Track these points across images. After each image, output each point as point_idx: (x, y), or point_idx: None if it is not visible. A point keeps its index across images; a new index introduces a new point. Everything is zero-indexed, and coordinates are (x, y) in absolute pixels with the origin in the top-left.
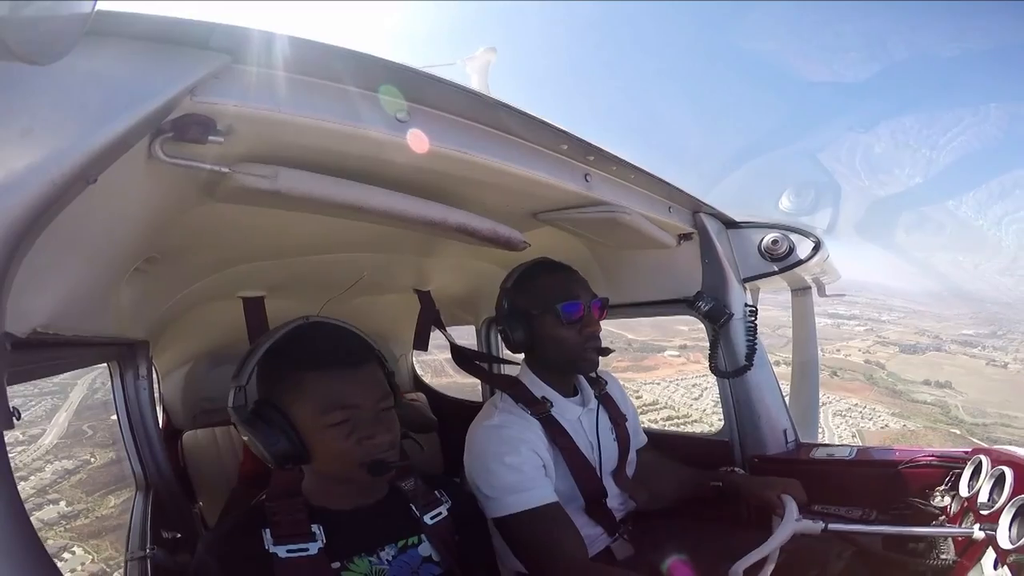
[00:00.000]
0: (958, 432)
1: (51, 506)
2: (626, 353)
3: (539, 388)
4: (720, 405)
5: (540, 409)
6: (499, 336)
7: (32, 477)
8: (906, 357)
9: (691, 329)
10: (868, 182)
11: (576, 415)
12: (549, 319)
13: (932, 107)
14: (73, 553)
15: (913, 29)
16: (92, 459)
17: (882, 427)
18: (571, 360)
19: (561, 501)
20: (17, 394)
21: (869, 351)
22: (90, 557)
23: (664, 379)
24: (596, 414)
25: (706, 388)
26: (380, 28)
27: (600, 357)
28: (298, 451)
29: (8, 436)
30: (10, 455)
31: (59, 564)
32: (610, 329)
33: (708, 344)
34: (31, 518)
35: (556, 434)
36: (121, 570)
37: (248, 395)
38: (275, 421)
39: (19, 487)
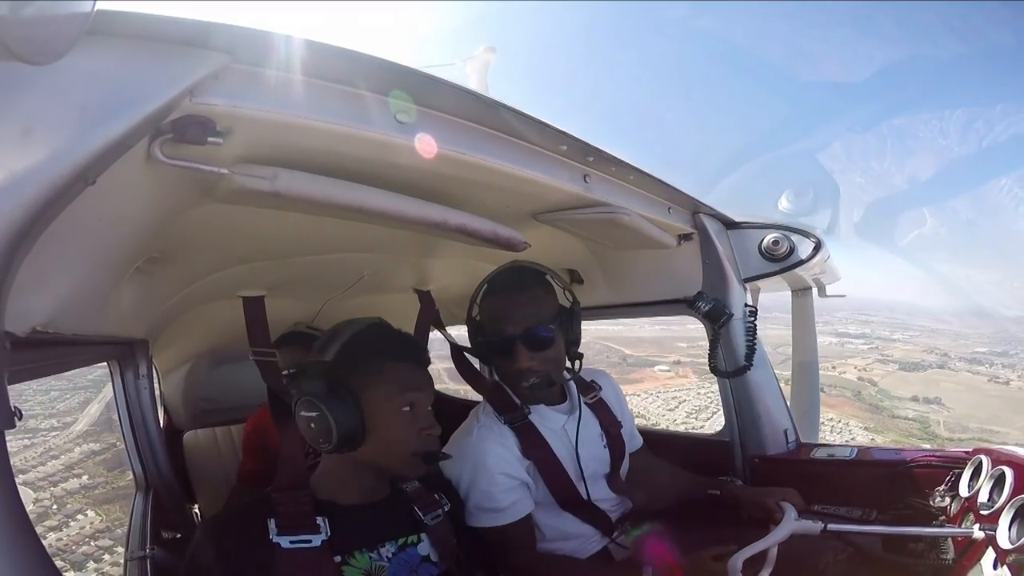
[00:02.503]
0: (928, 447)
1: (75, 479)
2: (618, 368)
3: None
4: (692, 416)
5: (517, 416)
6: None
7: (63, 456)
8: (904, 374)
9: (690, 346)
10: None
11: (560, 423)
12: (488, 347)
13: (931, 107)
14: (85, 515)
15: (913, 28)
16: (118, 443)
17: (847, 440)
18: (518, 389)
19: (542, 504)
20: (54, 387)
21: (865, 369)
22: (100, 518)
23: (646, 391)
24: (577, 422)
25: (684, 400)
26: (380, 29)
27: (544, 389)
28: (357, 433)
29: (44, 423)
30: (46, 438)
31: (72, 523)
32: (609, 344)
33: (704, 359)
34: (56, 488)
35: (531, 445)
36: (121, 568)
37: (324, 373)
38: (346, 401)
39: (49, 464)
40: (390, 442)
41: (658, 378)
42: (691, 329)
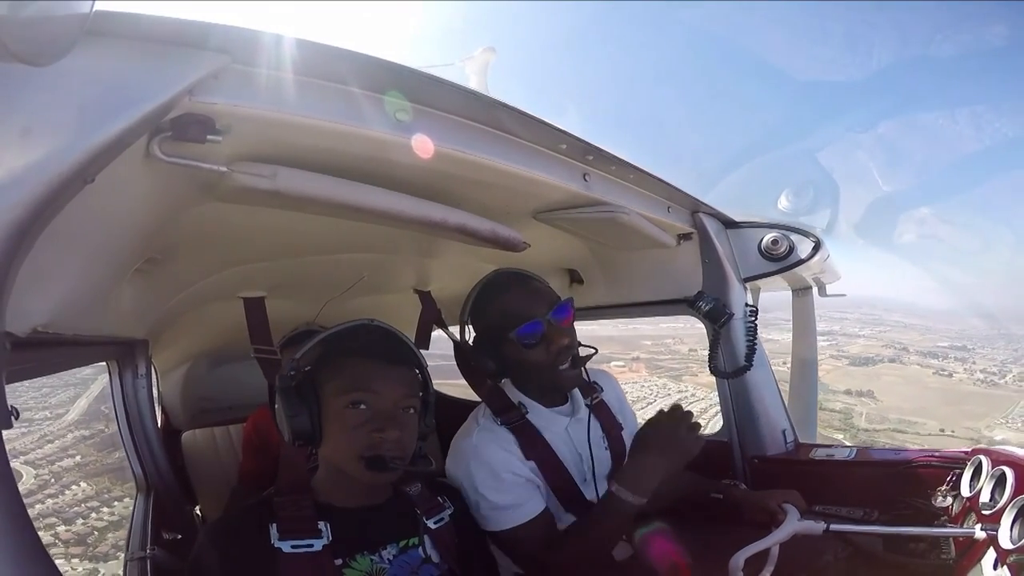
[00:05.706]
0: (841, 437)
1: (69, 459)
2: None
3: (517, 396)
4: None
5: (514, 417)
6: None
7: (57, 440)
8: (851, 369)
9: (653, 343)
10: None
11: (563, 426)
12: (512, 345)
13: (931, 107)
14: (79, 486)
15: (912, 28)
16: (106, 429)
17: None
18: (549, 381)
19: (548, 505)
20: (45, 384)
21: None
22: (92, 489)
23: None
24: (587, 424)
25: (626, 393)
26: (381, 29)
27: (580, 367)
28: (314, 430)
29: (38, 414)
30: (40, 426)
31: (68, 493)
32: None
33: (661, 356)
34: (54, 466)
35: (529, 444)
36: (121, 568)
37: (299, 369)
38: (307, 397)
39: (45, 449)
40: (336, 442)
41: (611, 372)
42: (662, 328)
